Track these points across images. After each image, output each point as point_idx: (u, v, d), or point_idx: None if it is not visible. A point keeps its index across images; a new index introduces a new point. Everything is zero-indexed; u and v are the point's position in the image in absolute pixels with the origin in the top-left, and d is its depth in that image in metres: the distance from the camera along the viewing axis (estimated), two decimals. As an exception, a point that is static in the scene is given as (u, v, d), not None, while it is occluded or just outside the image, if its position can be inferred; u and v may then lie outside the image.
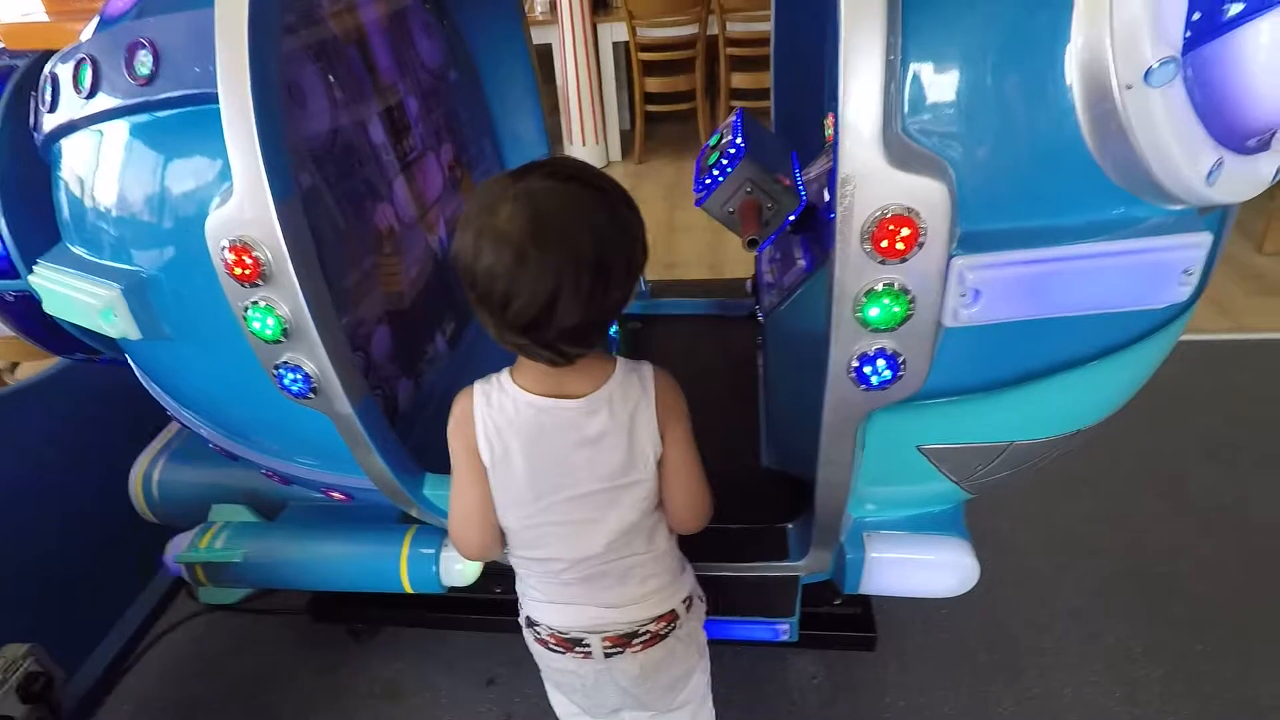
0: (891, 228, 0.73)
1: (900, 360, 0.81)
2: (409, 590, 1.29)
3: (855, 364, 0.82)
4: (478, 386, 0.84)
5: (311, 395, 0.95)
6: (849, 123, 0.70)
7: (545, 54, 4.39)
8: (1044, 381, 0.89)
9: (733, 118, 1.44)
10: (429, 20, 1.59)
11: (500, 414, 0.82)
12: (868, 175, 0.71)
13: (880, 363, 0.82)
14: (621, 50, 4.36)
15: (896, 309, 0.78)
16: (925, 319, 0.79)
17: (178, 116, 0.89)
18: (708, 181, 1.29)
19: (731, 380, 1.79)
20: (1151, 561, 1.69)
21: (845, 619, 1.47)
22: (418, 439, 1.37)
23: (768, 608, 1.26)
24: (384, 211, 1.33)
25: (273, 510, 1.40)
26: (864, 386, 0.84)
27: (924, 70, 0.73)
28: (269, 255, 0.85)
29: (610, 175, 0.80)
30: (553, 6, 4.06)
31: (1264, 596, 1.60)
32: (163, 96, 0.87)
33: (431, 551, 1.27)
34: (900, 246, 0.73)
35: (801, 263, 1.37)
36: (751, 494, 1.46)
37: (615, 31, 4.19)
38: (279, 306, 0.88)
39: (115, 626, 1.58)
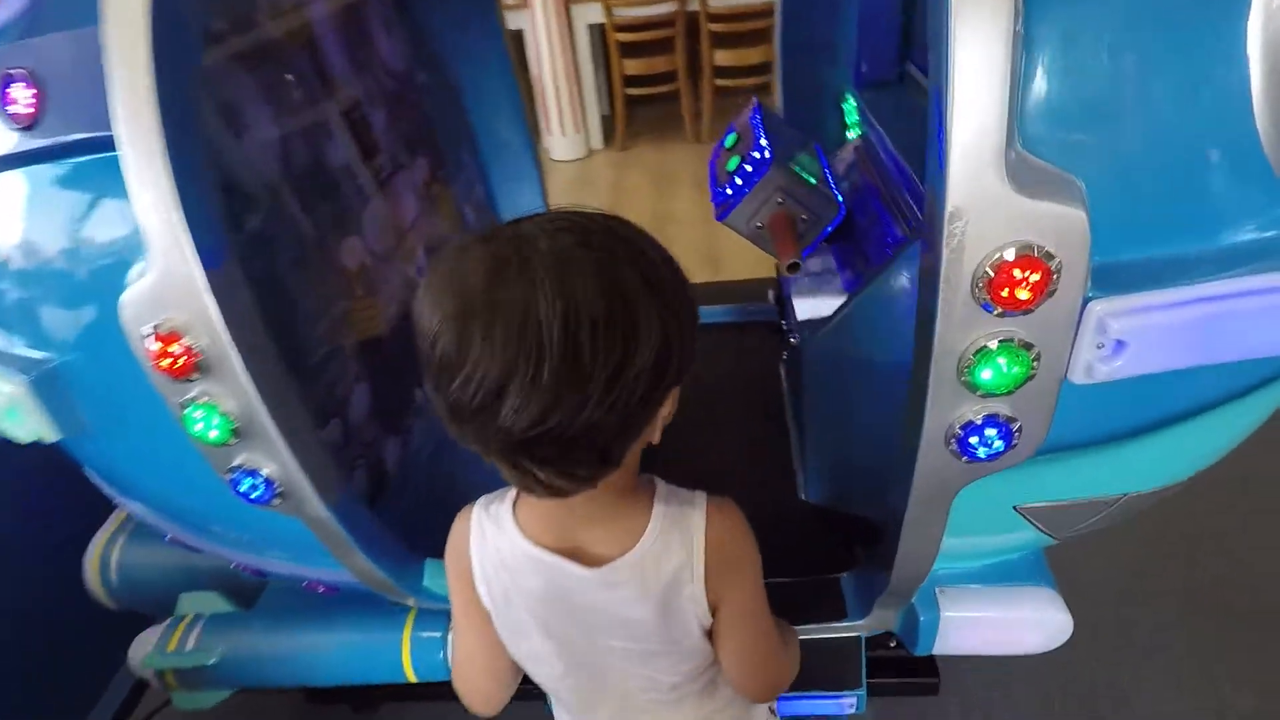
0: (1017, 273, 0.55)
1: (1015, 428, 0.64)
2: (413, 680, 1.12)
3: (958, 434, 0.65)
4: (476, 511, 0.65)
5: (277, 501, 0.77)
6: (960, 136, 0.52)
7: (516, 40, 4.15)
8: (1176, 427, 0.73)
9: (749, 112, 1.25)
10: (388, 16, 1.38)
11: (498, 557, 0.63)
12: (988, 206, 0.54)
13: (990, 432, 0.65)
14: (597, 32, 4.12)
15: (1016, 369, 0.60)
16: (1050, 377, 0.62)
17: (74, 168, 0.70)
18: (729, 192, 1.11)
19: (754, 400, 1.62)
20: (1221, 586, 1.55)
21: (905, 662, 1.32)
22: (411, 504, 1.19)
23: (828, 678, 1.10)
24: (353, 247, 1.14)
25: (251, 593, 1.22)
26: (967, 459, 0.67)
27: (1049, 53, 0.55)
28: (204, 342, 0.67)
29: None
30: (522, -11, 3.82)
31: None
32: (51, 143, 0.68)
33: (438, 635, 1.10)
34: (1025, 295, 0.56)
35: (838, 279, 1.19)
36: (793, 536, 1.30)
37: (590, 13, 3.95)
38: (224, 402, 0.70)
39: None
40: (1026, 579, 1.04)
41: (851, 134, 1.47)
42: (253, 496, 0.76)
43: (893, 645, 1.26)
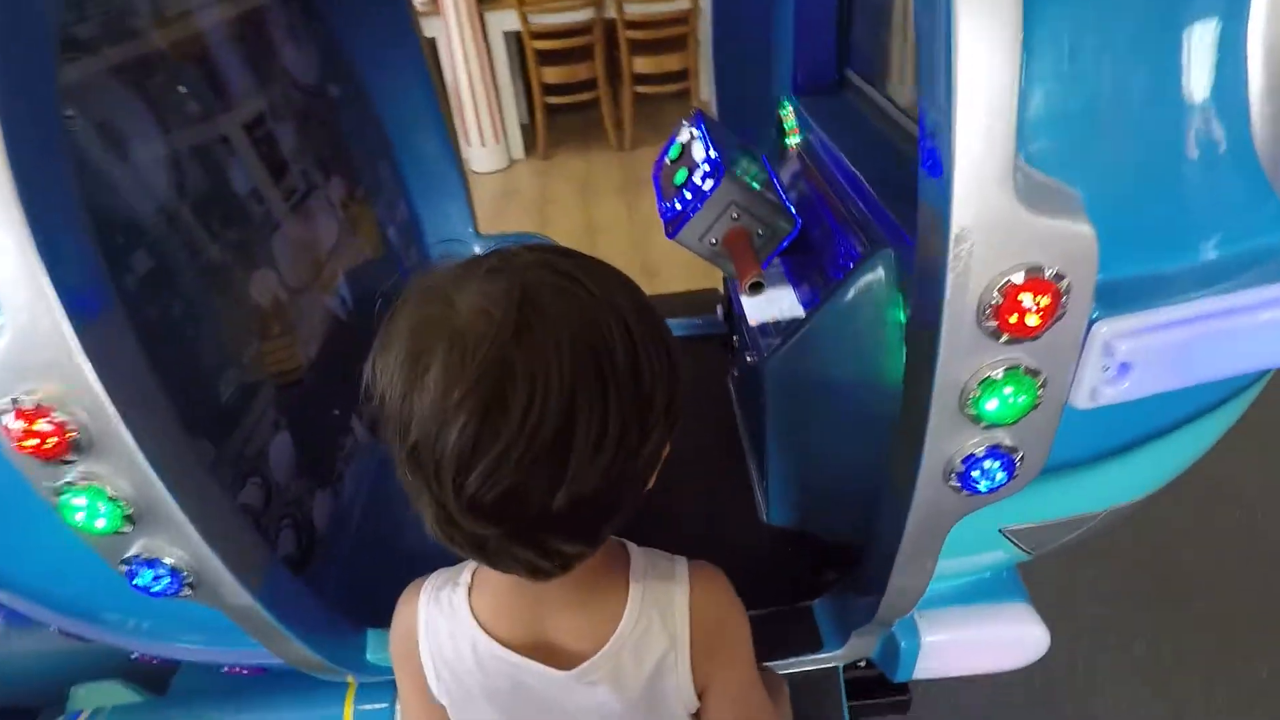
0: (1025, 297, 0.51)
1: (1018, 458, 0.60)
2: (358, 760, 1.00)
3: (959, 468, 0.61)
4: (424, 598, 0.56)
5: (187, 591, 0.65)
6: (966, 150, 0.47)
7: (430, 49, 3.98)
8: (1166, 438, 0.71)
9: (691, 122, 1.20)
10: (294, 24, 1.26)
11: (454, 654, 0.55)
12: (996, 226, 0.49)
13: (992, 464, 0.60)
14: (513, 40, 4.01)
15: (1022, 398, 0.56)
16: (1053, 404, 0.58)
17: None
18: (679, 207, 1.05)
19: (705, 418, 1.57)
20: (1160, 554, 1.60)
21: (874, 681, 1.29)
22: (347, 563, 1.08)
23: (808, 715, 1.05)
24: (264, 280, 1.01)
25: (161, 677, 1.07)
26: (968, 492, 0.63)
27: (1047, 60, 0.51)
28: (81, 415, 0.55)
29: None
30: (433, -4, 3.68)
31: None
32: None
33: (384, 706, 0.99)
34: (1034, 321, 0.52)
35: (792, 293, 1.15)
36: (757, 562, 1.25)
37: (505, 20, 3.85)
38: (112, 484, 0.58)
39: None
40: (1002, 595, 1.02)
41: (791, 141, 1.43)
42: (155, 590, 0.64)
43: (862, 665, 1.23)
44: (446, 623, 0.54)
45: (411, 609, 0.57)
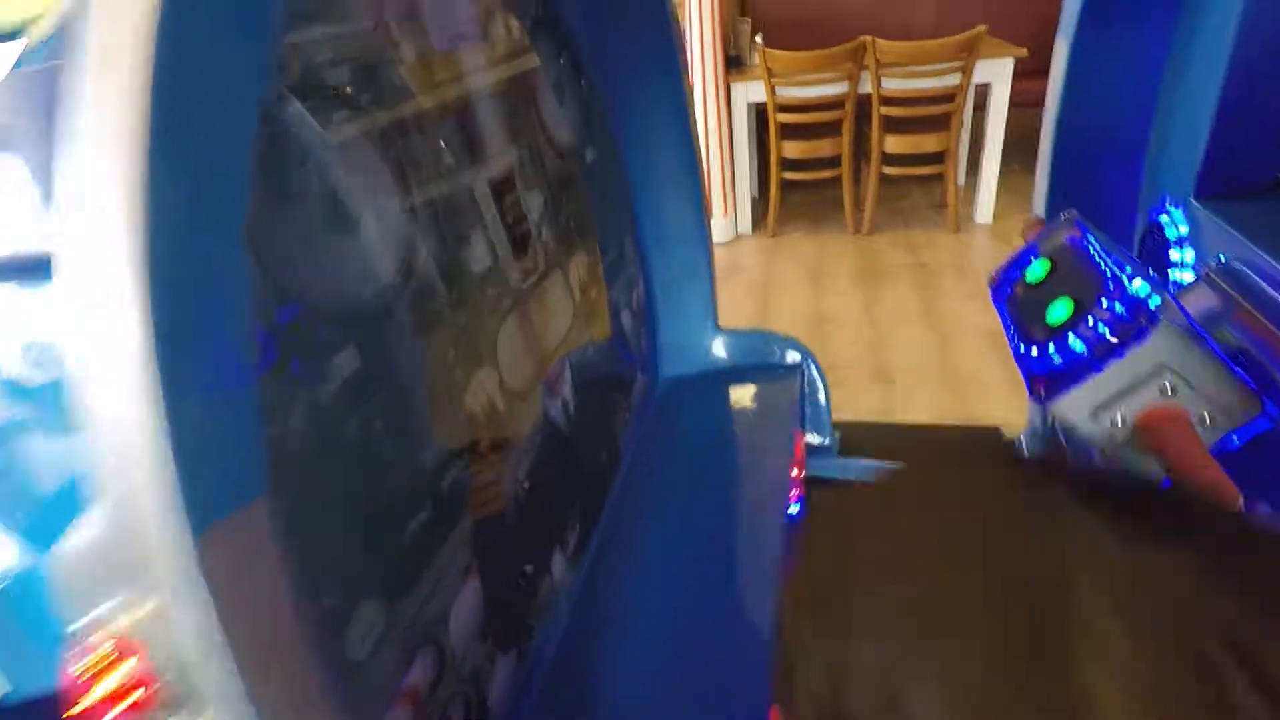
0: None
1: None
2: None
3: None
4: None
5: None
6: None
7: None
8: None
9: (1067, 232, 0.85)
10: (562, 79, 1.10)
11: None
12: None
13: None
14: (754, 112, 3.87)
15: None
16: None
17: None
18: (1058, 360, 0.70)
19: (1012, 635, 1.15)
20: None
21: None
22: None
23: None
24: (484, 383, 0.81)
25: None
26: None
27: None
28: (181, 668, 0.32)
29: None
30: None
31: None
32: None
33: None
34: None
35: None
36: None
37: (751, 91, 3.71)
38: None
39: None
40: None
41: (1181, 263, 1.02)
42: None
43: None
44: None
45: None
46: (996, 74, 3.49)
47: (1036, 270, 0.82)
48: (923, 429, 1.74)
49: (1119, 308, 0.67)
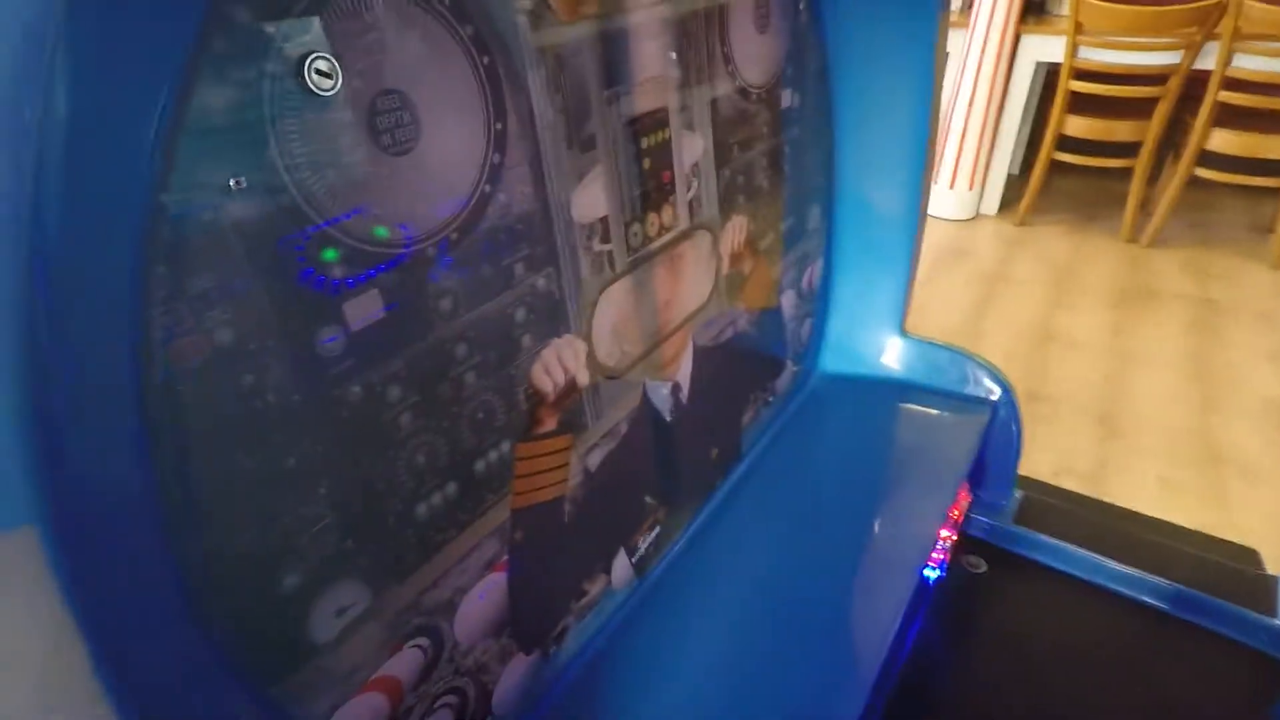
0: None
1: None
2: None
3: None
4: None
5: None
6: None
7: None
8: None
9: None
10: (781, 4, 0.89)
11: None
12: None
13: None
14: (1041, 74, 3.24)
15: None
16: None
17: None
18: None
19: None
20: None
21: None
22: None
23: None
24: (566, 353, 0.68)
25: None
26: None
27: None
28: None
29: None
30: (969, 5, 3.11)
31: None
32: None
33: None
34: None
35: None
36: None
37: (1045, 48, 3.10)
38: None
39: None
40: None
41: None
42: None
43: None
44: None
45: None
46: None
47: None
48: (1137, 520, 1.36)
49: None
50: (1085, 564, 1.17)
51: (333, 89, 0.44)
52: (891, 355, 1.22)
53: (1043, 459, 1.95)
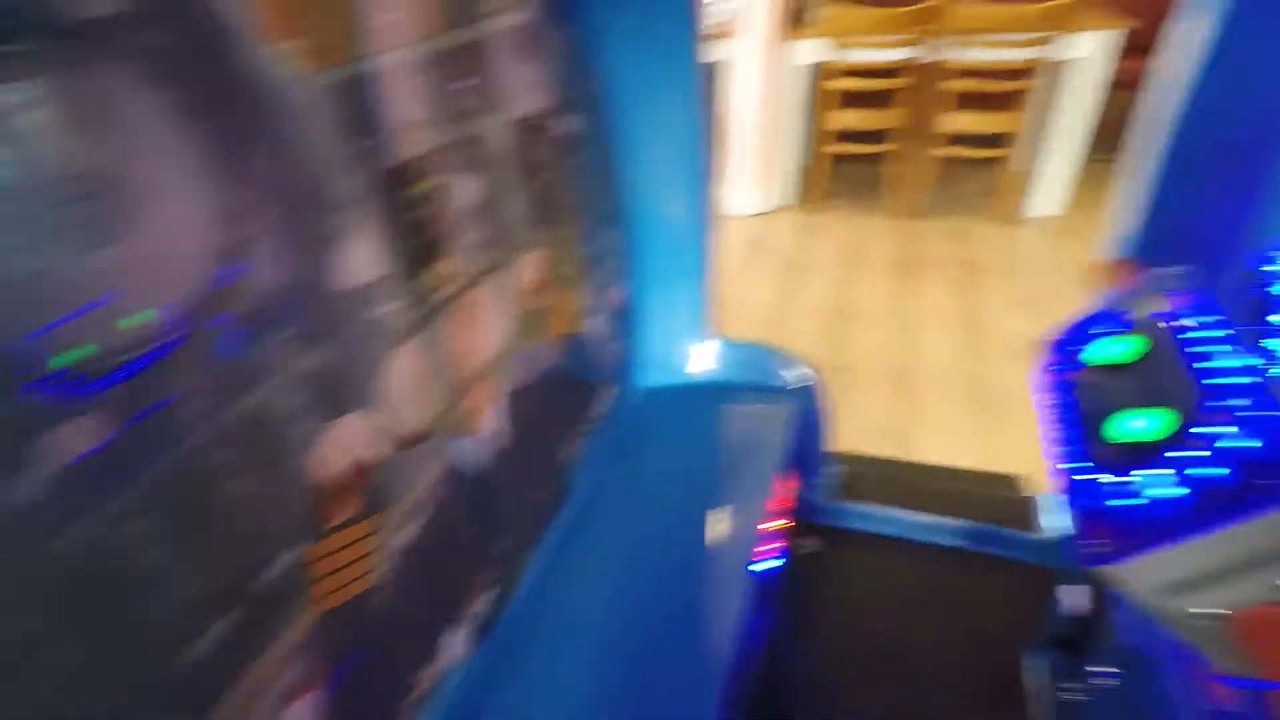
0: None
1: None
2: None
3: None
4: None
5: None
6: None
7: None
8: None
9: (1176, 300, 0.62)
10: (532, 24, 0.88)
11: None
12: None
13: None
14: (811, 75, 3.53)
15: None
16: None
17: None
18: (1137, 502, 0.49)
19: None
20: None
21: None
22: None
23: None
24: (349, 434, 0.62)
25: None
26: None
27: None
28: None
29: None
30: (735, 15, 3.31)
31: None
32: None
33: None
34: None
35: None
36: None
37: (809, 51, 3.38)
38: None
39: None
40: None
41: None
42: None
43: None
44: None
45: None
46: (1092, 49, 3.06)
47: (1123, 349, 0.59)
48: (933, 470, 1.52)
49: (1249, 441, 0.45)
50: (896, 522, 1.28)
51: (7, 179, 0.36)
52: (701, 359, 1.26)
53: (857, 426, 2.12)
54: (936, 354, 2.51)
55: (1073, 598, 0.99)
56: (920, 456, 1.94)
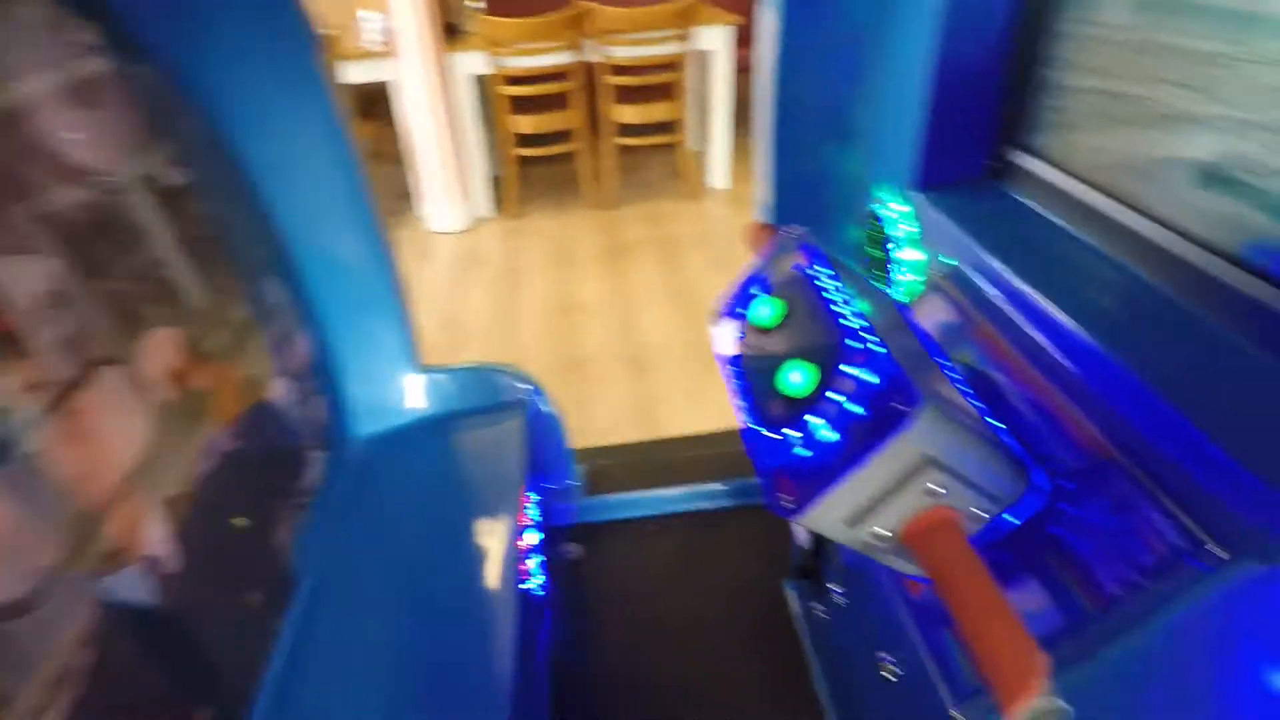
0: None
1: None
2: None
3: None
4: None
5: None
6: None
7: (379, 93, 3.48)
8: None
9: (795, 258, 0.69)
10: (107, 80, 0.72)
11: None
12: None
13: None
14: (480, 85, 3.52)
15: None
16: None
17: None
18: (803, 453, 0.53)
19: (757, 652, 1.04)
20: None
21: None
22: None
23: None
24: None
25: None
26: None
27: None
28: None
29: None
30: (390, 35, 3.17)
31: None
32: None
33: None
34: None
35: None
36: None
37: (472, 63, 3.36)
38: None
39: None
40: None
41: (900, 253, 0.93)
42: None
43: None
44: None
45: None
46: (718, 41, 3.49)
47: (769, 313, 0.65)
48: (677, 442, 1.61)
49: (870, 377, 0.51)
50: (650, 502, 1.33)
51: None
52: (416, 394, 1.18)
53: (608, 412, 2.18)
54: (658, 329, 2.68)
55: (801, 533, 1.10)
56: (670, 427, 2.05)
